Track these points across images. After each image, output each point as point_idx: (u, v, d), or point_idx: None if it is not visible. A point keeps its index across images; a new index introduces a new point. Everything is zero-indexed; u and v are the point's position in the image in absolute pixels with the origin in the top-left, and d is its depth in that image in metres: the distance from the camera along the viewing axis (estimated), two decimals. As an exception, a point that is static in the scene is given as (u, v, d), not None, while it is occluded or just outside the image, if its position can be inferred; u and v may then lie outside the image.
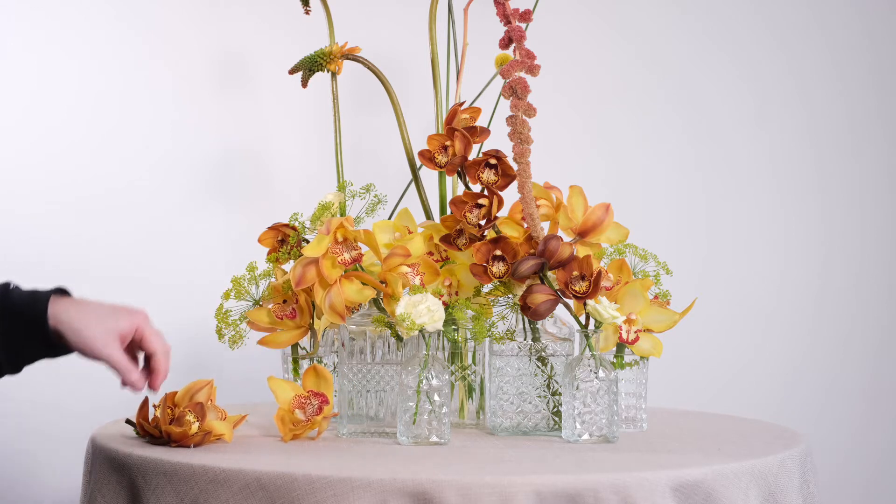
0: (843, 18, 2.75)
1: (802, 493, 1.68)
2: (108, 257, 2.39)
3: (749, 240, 2.72)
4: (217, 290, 1.93)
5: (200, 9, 2.46)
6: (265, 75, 2.48)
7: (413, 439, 1.71)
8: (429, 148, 1.85)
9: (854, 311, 2.76)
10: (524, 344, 1.82)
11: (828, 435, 2.69)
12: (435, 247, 1.87)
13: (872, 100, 2.76)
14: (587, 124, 2.67)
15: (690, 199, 2.70)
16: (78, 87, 2.40)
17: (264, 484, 1.50)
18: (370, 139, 2.51)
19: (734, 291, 2.71)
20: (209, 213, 2.46)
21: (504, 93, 1.79)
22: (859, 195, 2.76)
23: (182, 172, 2.45)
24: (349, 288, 1.76)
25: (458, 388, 1.90)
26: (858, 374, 2.75)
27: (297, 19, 2.11)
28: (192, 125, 2.46)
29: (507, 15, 1.83)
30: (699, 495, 1.53)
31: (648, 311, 1.84)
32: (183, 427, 1.65)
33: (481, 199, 1.81)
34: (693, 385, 2.66)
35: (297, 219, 1.89)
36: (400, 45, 2.44)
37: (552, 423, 1.82)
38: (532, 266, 1.77)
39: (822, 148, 2.75)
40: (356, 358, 1.80)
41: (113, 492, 1.63)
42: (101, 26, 2.41)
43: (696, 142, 2.70)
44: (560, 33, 2.59)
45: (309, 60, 1.95)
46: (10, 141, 2.36)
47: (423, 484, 1.47)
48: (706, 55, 2.70)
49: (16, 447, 2.34)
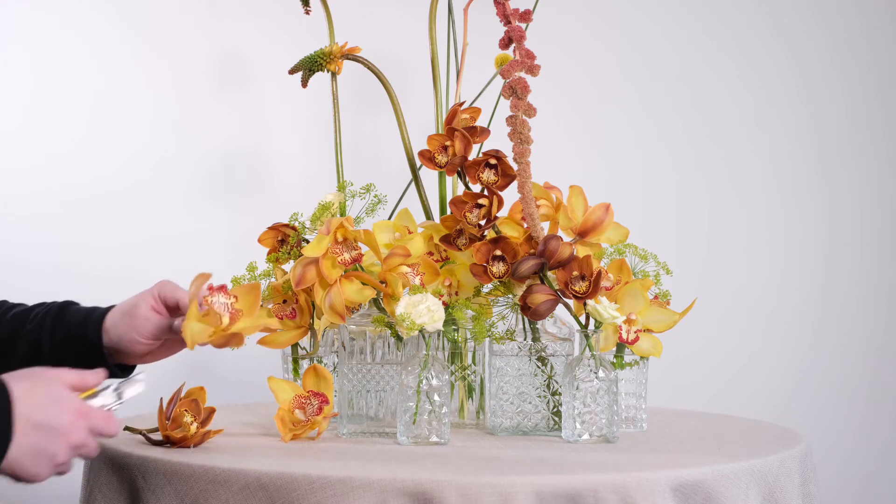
0: (843, 18, 2.75)
1: (802, 493, 1.68)
2: (107, 258, 2.39)
3: (749, 240, 2.72)
4: (217, 290, 1.93)
5: (200, 9, 2.47)
6: (265, 75, 2.48)
7: (413, 439, 1.71)
8: (429, 148, 1.85)
9: (854, 311, 2.76)
10: (524, 344, 1.82)
11: (828, 435, 2.69)
12: (435, 247, 1.87)
13: (872, 100, 2.76)
14: (587, 124, 2.67)
15: (690, 199, 2.70)
16: (78, 87, 2.40)
17: (264, 484, 1.50)
18: (370, 139, 2.51)
19: (734, 291, 2.71)
20: (209, 214, 2.46)
21: (504, 93, 1.79)
22: (859, 195, 2.76)
23: (182, 173, 2.45)
24: (349, 288, 1.76)
25: (458, 388, 1.90)
26: (858, 374, 2.75)
27: (297, 19, 2.11)
28: (193, 125, 2.46)
29: (507, 15, 1.83)
30: (699, 495, 1.53)
31: (648, 311, 1.84)
32: (182, 428, 1.65)
33: (481, 199, 1.81)
34: (693, 385, 2.66)
35: (297, 219, 1.89)
36: (400, 45, 2.44)
37: (552, 423, 1.82)
38: (532, 266, 1.76)
39: (822, 148, 2.75)
40: (356, 358, 1.80)
41: (113, 492, 1.63)
42: (101, 26, 2.41)
43: (697, 142, 2.70)
44: (560, 33, 2.59)
45: (309, 60, 1.95)
46: (11, 141, 2.36)
47: (423, 484, 1.47)
48: (706, 55, 2.70)
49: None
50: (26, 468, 1.43)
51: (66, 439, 1.44)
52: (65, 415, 1.44)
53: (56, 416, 1.43)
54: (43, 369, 1.48)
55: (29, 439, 1.42)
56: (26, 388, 1.43)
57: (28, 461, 1.42)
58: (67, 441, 1.44)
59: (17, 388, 1.42)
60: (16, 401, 1.41)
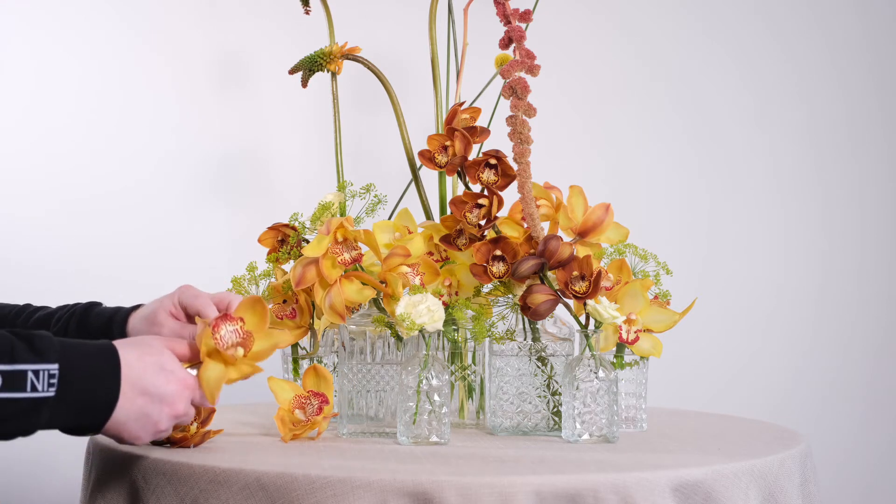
0: (843, 18, 2.75)
1: (802, 493, 1.68)
2: (107, 258, 2.39)
3: (749, 240, 2.72)
4: (217, 289, 1.93)
5: (200, 9, 2.47)
6: (265, 75, 2.49)
7: (413, 439, 1.71)
8: (429, 148, 1.85)
9: (854, 311, 2.76)
10: (524, 344, 1.82)
11: (828, 435, 2.69)
12: (435, 247, 1.87)
13: (872, 100, 2.76)
14: (587, 124, 2.67)
15: (691, 199, 2.70)
16: (78, 87, 2.40)
17: (264, 484, 1.50)
18: (370, 139, 2.51)
19: (734, 291, 2.71)
20: (209, 214, 2.46)
21: (504, 93, 1.79)
22: (859, 195, 2.76)
23: (182, 172, 2.45)
24: (349, 288, 1.76)
25: (458, 388, 1.90)
26: (858, 375, 2.75)
27: (297, 19, 2.11)
28: (193, 125, 2.46)
29: (507, 15, 1.83)
30: (699, 495, 1.53)
31: (648, 311, 1.84)
32: (181, 428, 1.65)
33: (481, 199, 1.81)
34: (693, 385, 2.66)
35: (297, 219, 1.89)
36: (400, 45, 2.44)
37: (552, 423, 1.82)
38: (532, 266, 1.76)
39: (822, 148, 2.75)
40: (356, 358, 1.80)
41: (113, 492, 1.63)
42: (101, 26, 2.41)
43: (697, 141, 2.70)
44: (560, 33, 2.59)
45: (309, 60, 1.95)
46: (10, 142, 2.36)
47: (423, 484, 1.47)
48: (706, 55, 2.71)
49: (16, 447, 2.34)
50: (130, 430, 1.50)
51: (169, 408, 1.51)
52: (171, 384, 1.51)
53: (162, 385, 1.50)
54: (153, 338, 1.55)
55: (135, 404, 1.49)
56: (136, 355, 1.49)
57: (133, 424, 1.50)
58: (171, 410, 1.52)
59: (127, 354, 1.49)
60: (125, 366, 1.48)
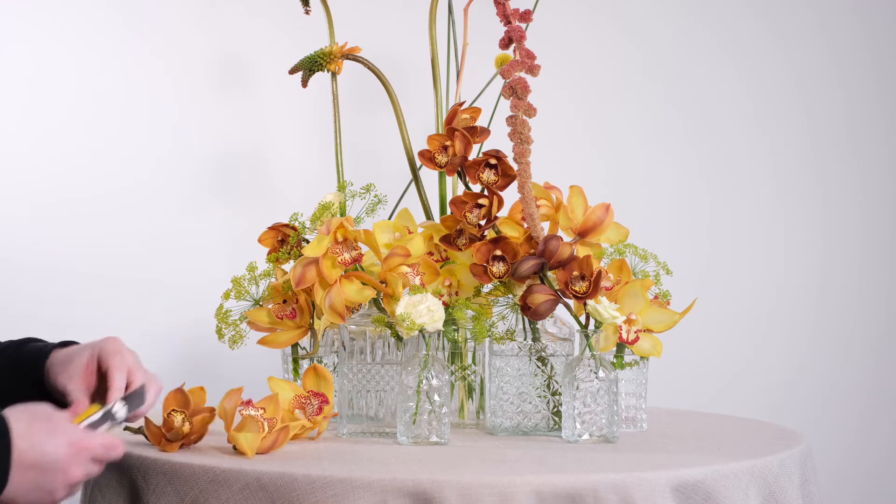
0: (843, 18, 2.75)
1: (802, 493, 1.68)
2: (107, 258, 2.38)
3: (749, 240, 2.72)
4: (217, 289, 1.93)
5: (200, 9, 2.46)
6: (265, 75, 2.48)
7: (413, 439, 1.71)
8: (429, 148, 1.85)
9: (854, 311, 2.75)
10: (524, 344, 1.82)
11: (828, 435, 2.69)
12: (435, 247, 1.87)
13: (872, 100, 2.76)
14: (587, 124, 2.67)
15: (691, 199, 2.70)
16: (77, 87, 2.40)
17: (264, 484, 1.50)
18: (370, 139, 2.50)
19: (734, 291, 2.71)
20: (209, 214, 2.46)
21: (504, 93, 1.79)
22: (859, 195, 2.76)
23: (182, 173, 2.45)
24: (349, 288, 1.76)
25: (458, 388, 1.90)
26: (858, 375, 2.75)
27: (297, 19, 2.11)
28: (193, 125, 2.46)
29: (507, 15, 1.83)
30: (699, 495, 1.53)
31: (648, 311, 1.84)
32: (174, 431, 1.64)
33: (481, 199, 1.81)
34: (693, 385, 2.66)
35: (297, 219, 1.89)
36: (400, 45, 2.44)
37: (552, 423, 1.82)
38: (532, 266, 1.76)
39: (822, 148, 2.75)
40: (356, 358, 1.80)
41: (113, 492, 1.63)
42: (100, 26, 2.41)
43: (697, 141, 2.70)
44: (560, 33, 2.59)
45: (309, 60, 1.95)
46: (10, 142, 2.36)
47: (423, 484, 1.47)
48: (707, 55, 2.70)
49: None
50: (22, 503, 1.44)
51: (62, 476, 1.44)
52: (61, 449, 1.44)
53: (52, 453, 1.44)
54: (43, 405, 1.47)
55: (26, 477, 1.43)
56: (26, 422, 1.43)
57: (23, 499, 1.44)
58: (65, 478, 1.45)
59: (17, 425, 1.43)
60: (16, 438, 1.42)
